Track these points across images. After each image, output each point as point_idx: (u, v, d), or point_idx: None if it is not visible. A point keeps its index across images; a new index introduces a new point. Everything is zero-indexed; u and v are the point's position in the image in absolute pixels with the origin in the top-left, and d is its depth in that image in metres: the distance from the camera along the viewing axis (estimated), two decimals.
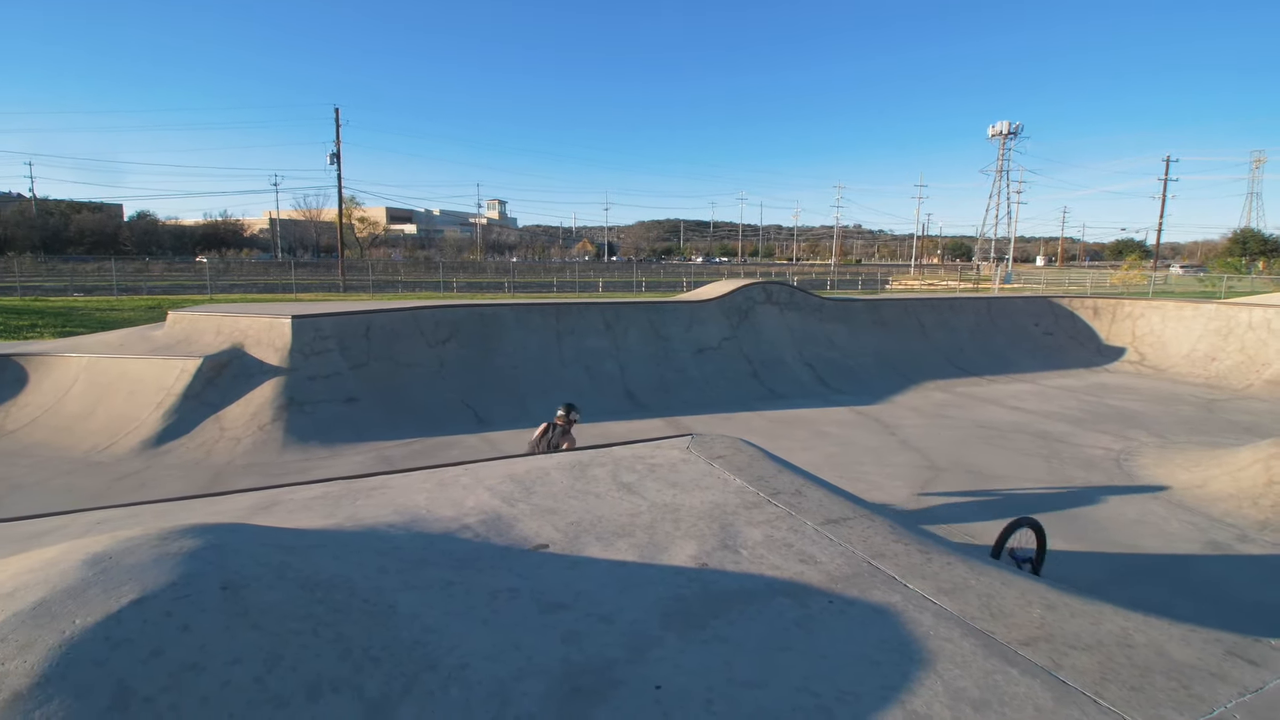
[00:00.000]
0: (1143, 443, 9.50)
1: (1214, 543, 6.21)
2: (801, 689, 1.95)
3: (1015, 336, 17.09)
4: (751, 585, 2.59)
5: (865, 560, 2.81)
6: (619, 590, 2.53)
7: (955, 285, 50.71)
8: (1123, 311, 18.08)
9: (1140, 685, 2.01)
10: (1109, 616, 2.39)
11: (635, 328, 12.71)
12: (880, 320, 16.14)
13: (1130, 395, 13.10)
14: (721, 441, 4.52)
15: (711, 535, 3.04)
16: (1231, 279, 43.35)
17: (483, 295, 28.12)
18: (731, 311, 14.19)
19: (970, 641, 2.21)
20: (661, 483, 3.73)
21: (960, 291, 37.81)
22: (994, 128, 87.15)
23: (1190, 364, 15.71)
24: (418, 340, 10.65)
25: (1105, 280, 49.00)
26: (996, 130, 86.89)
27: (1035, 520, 5.15)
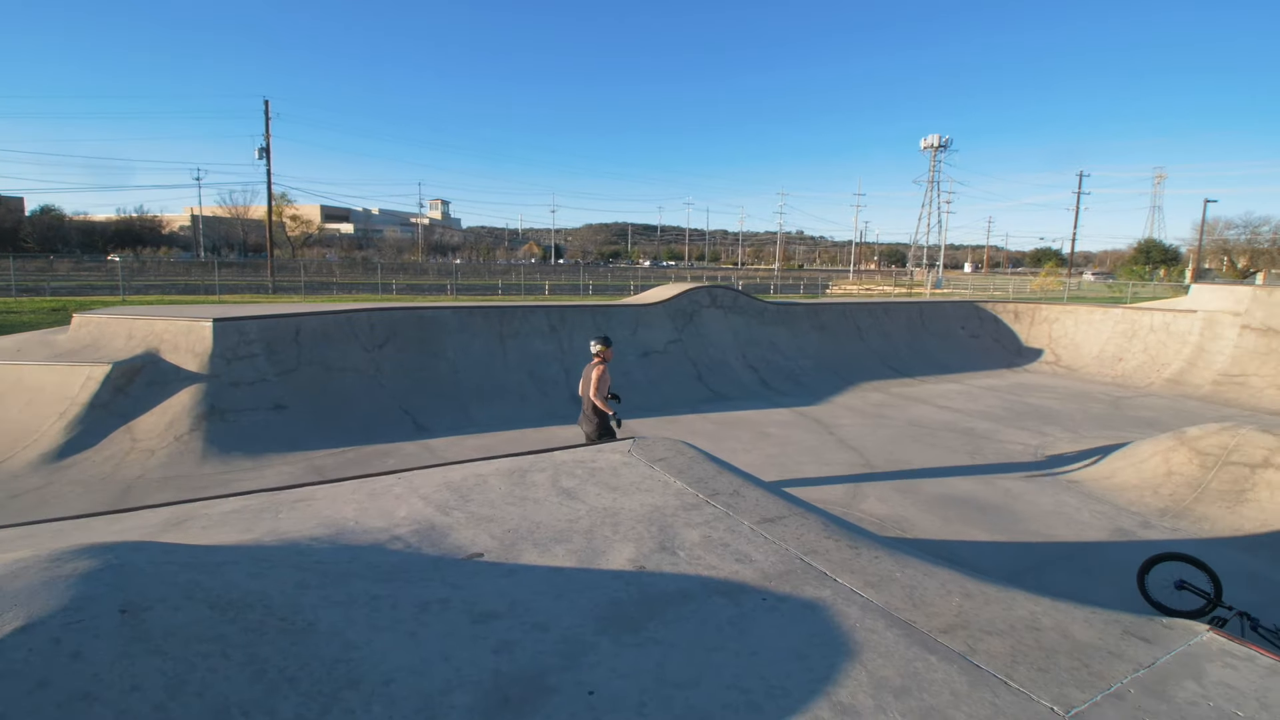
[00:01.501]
0: (1057, 438, 10.08)
1: (1120, 529, 6.65)
2: (732, 686, 1.98)
3: (945, 339, 17.87)
4: (688, 586, 2.61)
5: (798, 557, 2.87)
6: (554, 597, 2.51)
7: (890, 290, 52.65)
8: (1040, 315, 19.17)
9: (1047, 666, 2.12)
10: (1020, 602, 2.52)
11: (581, 331, 12.65)
12: (820, 324, 16.59)
13: (1047, 394, 13.90)
14: (663, 444, 4.54)
15: (650, 538, 3.05)
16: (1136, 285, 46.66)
17: (424, 298, 27.43)
18: (677, 315, 14.31)
19: (894, 632, 2.29)
20: (602, 487, 3.71)
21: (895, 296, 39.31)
22: (926, 140, 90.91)
23: (1100, 364, 16.80)
24: (352, 344, 10.29)
25: (1026, 286, 51.89)
26: (928, 143, 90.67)
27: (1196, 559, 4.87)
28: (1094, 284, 56.71)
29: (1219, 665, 2.22)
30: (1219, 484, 7.37)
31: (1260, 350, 14.64)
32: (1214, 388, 14.54)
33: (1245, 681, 2.12)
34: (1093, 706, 1.94)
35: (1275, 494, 6.94)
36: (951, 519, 6.79)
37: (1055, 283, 49.77)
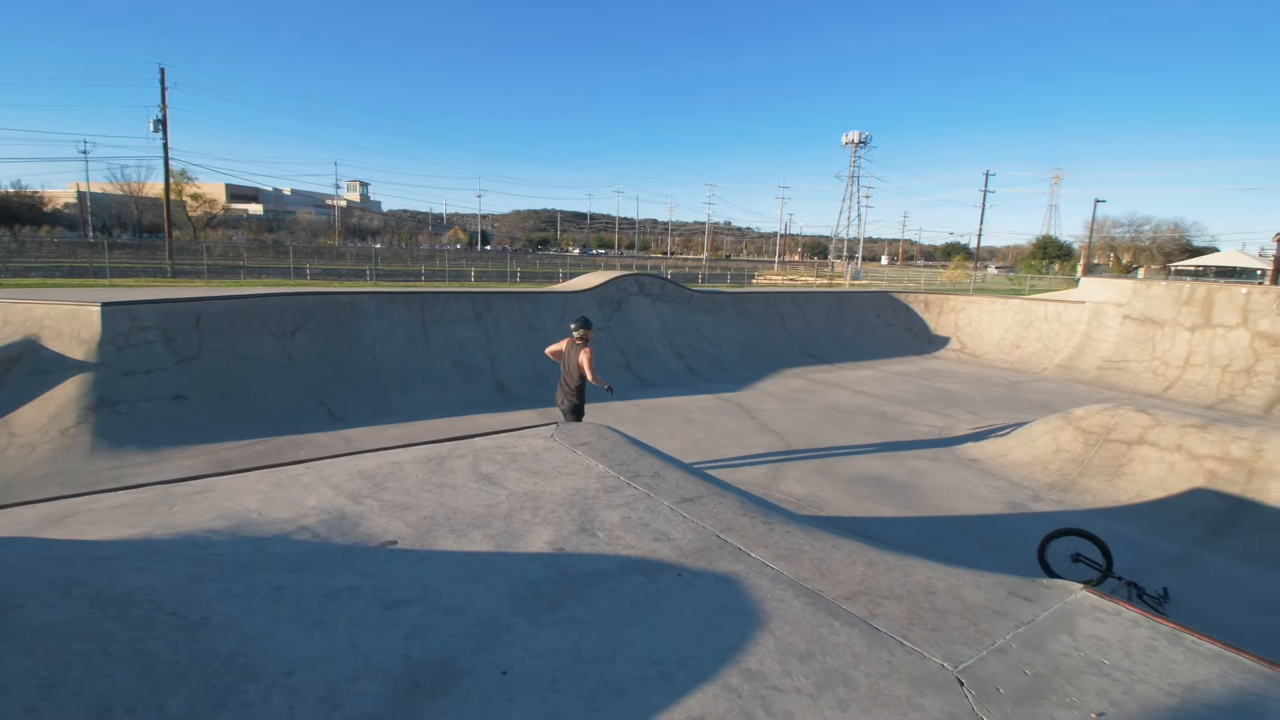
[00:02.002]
0: (961, 419, 10.77)
1: (1013, 502, 7.19)
2: (646, 659, 2.02)
3: (861, 327, 18.68)
4: (606, 565, 2.63)
5: (715, 534, 2.95)
6: (470, 581, 2.47)
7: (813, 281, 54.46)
8: (948, 305, 20.35)
9: (939, 626, 2.28)
10: (918, 569, 2.69)
11: (507, 318, 12.44)
12: (745, 312, 16.98)
13: (953, 379, 14.80)
14: (586, 429, 4.55)
15: (570, 520, 3.05)
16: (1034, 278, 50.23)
17: (341, 283, 26.20)
18: (606, 302, 14.30)
19: (801, 600, 2.40)
20: (523, 472, 3.68)
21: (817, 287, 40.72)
22: (847, 136, 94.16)
23: (1000, 351, 18.03)
24: (260, 331, 9.72)
25: (936, 278, 54.87)
26: (849, 139, 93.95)
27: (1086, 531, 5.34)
28: (997, 277, 60.63)
29: (1090, 620, 2.44)
30: (1100, 459, 8.07)
31: (1139, 338, 16.09)
32: (1099, 372, 15.88)
33: (1111, 633, 2.35)
34: (978, 661, 2.10)
35: (1148, 467, 7.68)
36: (864, 497, 7.14)
37: (963, 275, 52.90)
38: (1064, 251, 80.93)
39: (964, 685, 1.96)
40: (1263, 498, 6.77)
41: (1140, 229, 75.86)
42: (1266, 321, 14.14)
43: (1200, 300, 15.39)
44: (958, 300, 20.46)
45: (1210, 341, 14.80)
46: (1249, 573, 5.86)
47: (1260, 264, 54.91)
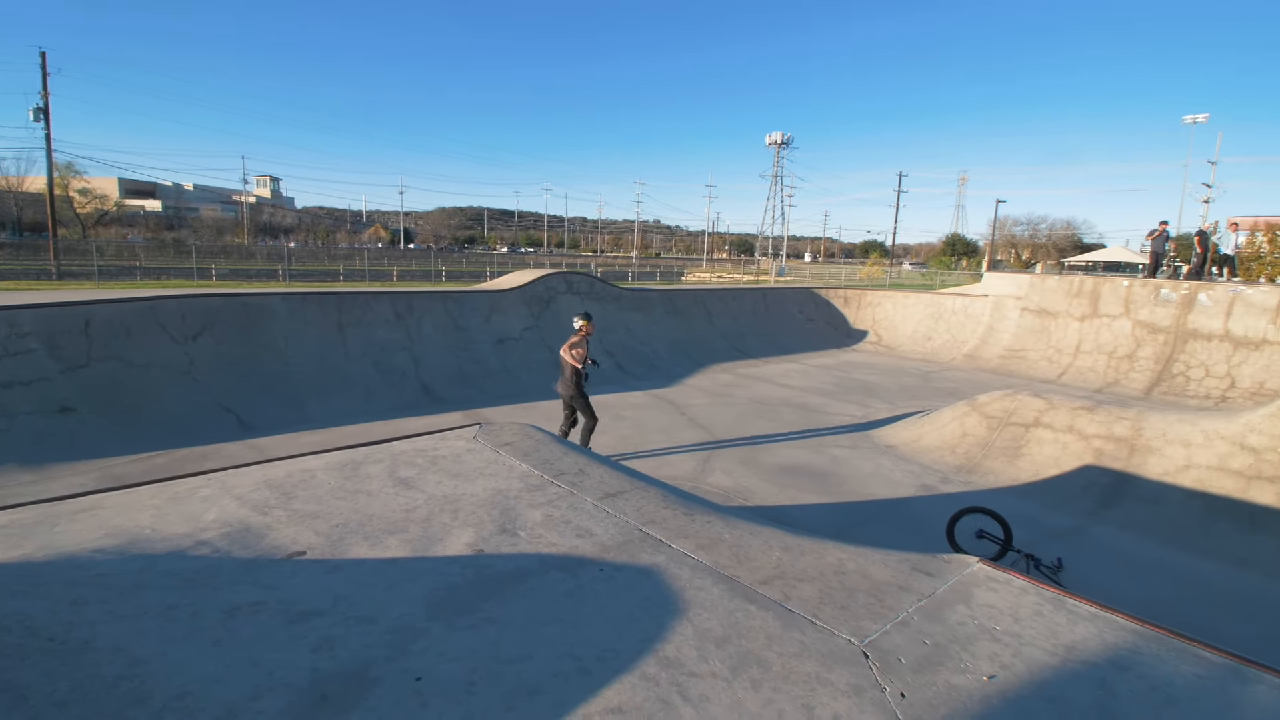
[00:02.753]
0: (878, 408, 11.29)
1: (925, 485, 7.60)
2: (565, 655, 2.02)
3: (785, 322, 19.27)
4: (527, 564, 2.61)
5: (637, 528, 2.98)
6: (384, 588, 2.40)
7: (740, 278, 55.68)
8: (865, 300, 21.27)
9: (848, 604, 2.39)
10: (830, 551, 2.81)
11: (431, 318, 12.11)
12: (674, 309, 17.19)
13: (870, 370, 15.50)
14: (510, 429, 4.49)
15: (491, 521, 3.01)
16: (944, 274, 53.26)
17: (250, 284, 24.74)
18: (533, 301, 14.15)
19: (719, 588, 2.46)
20: (443, 474, 3.60)
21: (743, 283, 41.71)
22: (770, 137, 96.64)
23: (913, 343, 19.00)
24: (159, 336, 9.06)
25: (855, 274, 57.24)
26: (772, 139, 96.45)
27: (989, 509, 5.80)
28: (911, 273, 63.87)
29: (984, 590, 2.62)
30: (1002, 442, 8.64)
31: (1035, 328, 17.31)
32: (1001, 361, 17.00)
33: (1003, 601, 2.53)
34: (883, 634, 2.22)
35: (1044, 448, 8.28)
36: (787, 485, 7.38)
37: (879, 271, 55.42)
38: (970, 248, 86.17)
39: (869, 658, 2.07)
40: (1142, 471, 7.43)
41: (1038, 227, 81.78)
42: (1145, 311, 15.51)
43: (1088, 293, 16.71)
44: (874, 295, 21.42)
45: (1098, 330, 16.10)
46: (1131, 540, 6.43)
47: (1140, 259, 60.21)
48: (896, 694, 1.90)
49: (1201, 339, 14.49)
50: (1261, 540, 6.22)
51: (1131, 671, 2.07)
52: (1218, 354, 14.12)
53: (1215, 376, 13.84)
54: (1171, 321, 15.04)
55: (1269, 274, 32.91)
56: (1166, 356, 14.75)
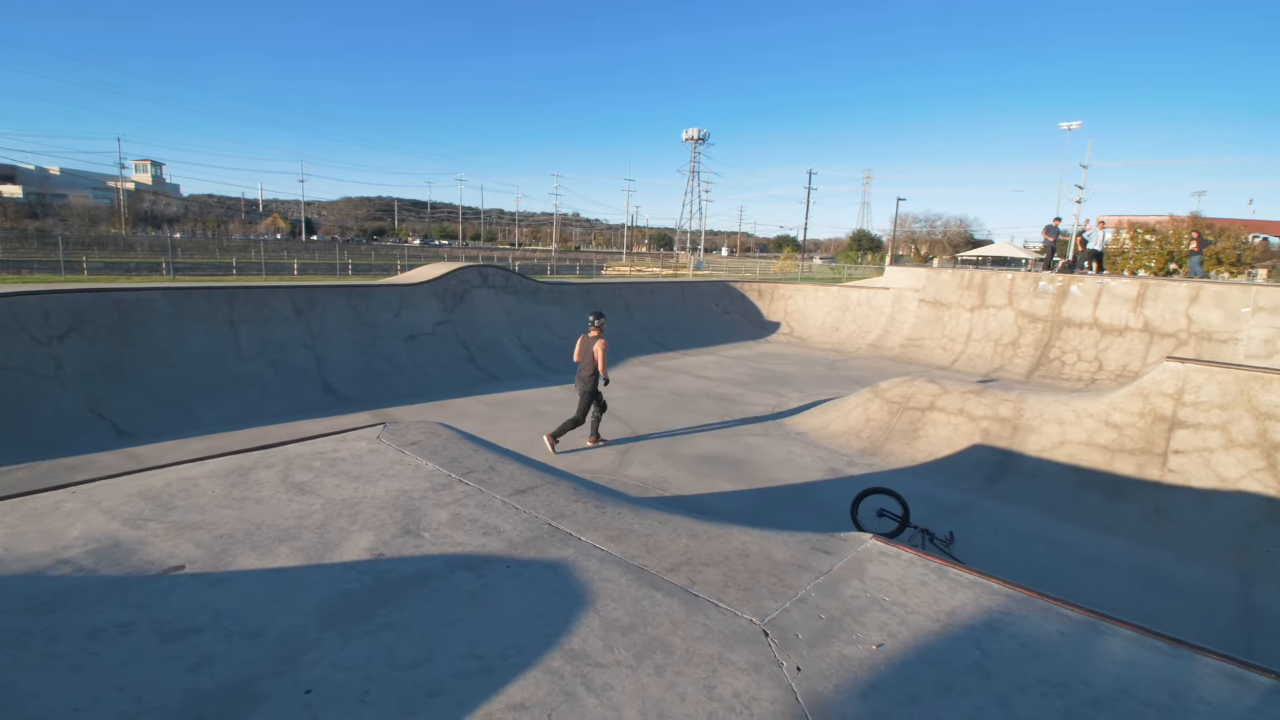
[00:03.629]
0: (790, 397, 11.72)
1: (832, 469, 7.96)
2: (467, 655, 1.97)
3: (702, 315, 19.63)
4: (430, 565, 2.53)
5: (546, 522, 2.95)
6: (272, 600, 2.26)
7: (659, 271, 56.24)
8: (778, 293, 22.00)
9: (750, 585, 2.46)
10: (735, 536, 2.88)
11: (335, 313, 11.50)
12: (592, 303, 17.13)
13: (783, 361, 16.06)
14: (417, 428, 4.34)
15: (394, 523, 2.90)
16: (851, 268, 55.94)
17: (129, 278, 22.64)
18: (446, 295, 13.71)
19: (628, 578, 2.47)
20: (342, 477, 3.43)
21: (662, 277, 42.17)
22: (687, 133, 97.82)
23: (822, 334, 19.84)
24: (17, 336, 8.14)
25: (769, 268, 59.13)
26: (689, 135, 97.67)
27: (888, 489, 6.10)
28: (821, 267, 66.67)
29: (876, 564, 2.76)
30: (901, 425, 9.17)
31: (931, 319, 18.46)
32: (901, 349, 18.02)
33: (892, 573, 2.68)
34: (782, 612, 2.30)
35: (938, 429, 8.84)
36: (704, 475, 7.53)
37: (791, 265, 57.50)
38: (875, 244, 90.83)
39: (769, 636, 2.14)
40: (1023, 449, 8.08)
41: (934, 224, 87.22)
42: (1026, 302, 16.87)
43: (977, 285, 17.99)
44: (787, 289, 22.19)
45: (986, 320, 17.37)
46: (1014, 512, 6.98)
47: (1024, 254, 65.36)
48: (793, 668, 1.98)
49: (1074, 327, 15.93)
50: (1124, 507, 6.92)
51: (1003, 631, 2.24)
52: (1087, 340, 15.56)
53: (1085, 360, 15.25)
54: (1049, 311, 16.44)
55: (1131, 268, 36.62)
56: (1045, 343, 16.12)
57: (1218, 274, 36.68)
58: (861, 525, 6.02)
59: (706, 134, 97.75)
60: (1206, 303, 14.50)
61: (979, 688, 1.94)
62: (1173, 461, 7.12)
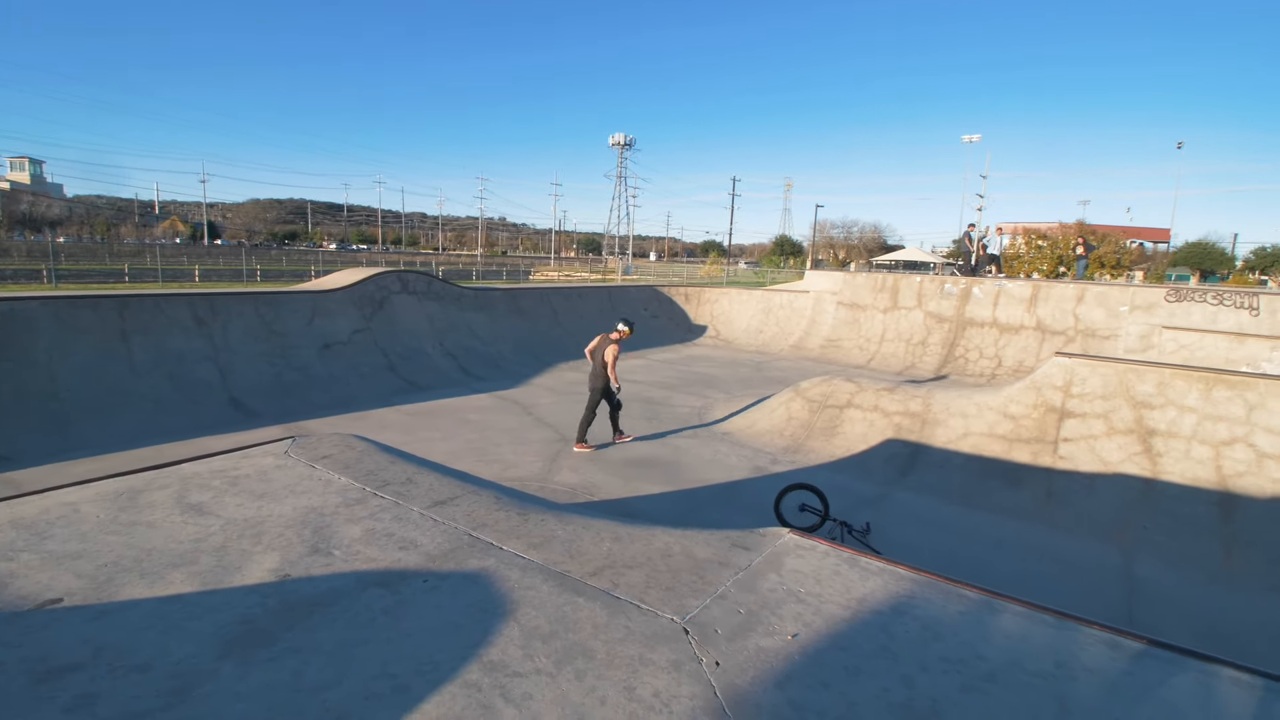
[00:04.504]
0: (716, 399, 11.95)
1: (757, 468, 8.17)
2: (380, 675, 1.90)
3: (631, 320, 19.73)
4: (341, 584, 2.43)
5: (467, 533, 2.88)
6: (163, 630, 2.10)
7: (588, 276, 56.14)
8: (705, 297, 22.41)
9: (672, 585, 2.49)
10: (659, 537, 2.91)
11: (241, 322, 10.84)
12: (519, 309, 16.91)
13: (709, 363, 16.37)
14: (329, 441, 4.15)
15: (301, 542, 2.76)
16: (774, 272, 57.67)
17: (5, 287, 20.58)
18: (364, 302, 13.19)
19: (549, 584, 2.45)
20: (245, 496, 3.24)
21: (591, 282, 42.10)
22: (614, 138, 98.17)
23: (747, 336, 20.35)
24: None
25: (696, 272, 60.14)
26: (616, 140, 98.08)
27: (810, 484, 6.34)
28: (745, 271, 68.40)
29: (793, 557, 2.86)
30: (821, 423, 9.52)
31: (849, 320, 19.26)
32: (821, 350, 18.72)
33: (808, 565, 2.78)
34: (702, 610, 2.34)
35: (855, 426, 9.23)
36: (632, 478, 7.57)
37: (718, 270, 58.72)
38: (796, 249, 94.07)
39: (689, 633, 2.17)
40: (932, 441, 8.55)
41: (851, 230, 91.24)
42: (933, 304, 17.88)
43: (890, 288, 18.93)
44: (713, 293, 22.63)
45: (898, 321, 18.29)
46: (924, 501, 7.37)
47: (932, 259, 69.32)
48: (712, 663, 2.02)
49: (976, 326, 17.02)
50: (1020, 492, 7.43)
51: (908, 615, 2.37)
52: (988, 338, 16.66)
53: (986, 357, 16.32)
54: (954, 312, 17.49)
55: (1026, 271, 39.50)
56: (950, 342, 17.14)
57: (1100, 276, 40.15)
58: (785, 520, 6.20)
59: (633, 139, 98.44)
60: (1091, 302, 15.82)
61: (886, 669, 2.04)
62: (1062, 449, 7.71)
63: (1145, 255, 63.39)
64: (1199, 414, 7.15)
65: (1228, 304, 14.51)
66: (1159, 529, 6.55)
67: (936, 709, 1.88)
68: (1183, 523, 6.55)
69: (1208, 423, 7.08)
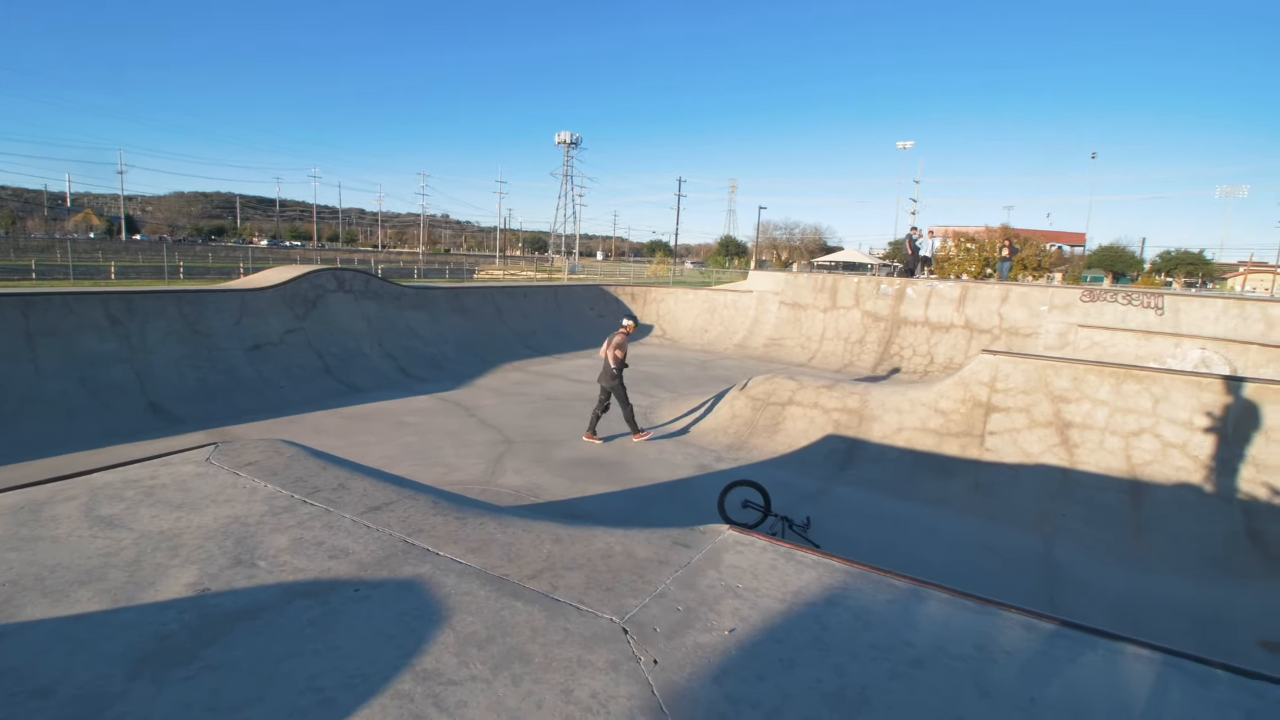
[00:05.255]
0: (662, 398, 12.03)
1: (701, 465, 8.26)
2: (306, 689, 1.83)
3: (576, 319, 19.64)
4: (266, 597, 2.32)
5: (401, 539, 2.81)
6: (68, 652, 1.97)
7: (534, 275, 55.56)
8: (651, 296, 22.52)
9: (613, 585, 2.49)
10: (599, 537, 2.91)
11: (161, 322, 10.24)
12: (461, 308, 16.58)
13: (656, 362, 16.46)
14: (256, 446, 3.96)
15: (223, 554, 2.62)
16: (719, 272, 58.46)
17: None
18: (296, 301, 12.67)
19: (487, 589, 2.41)
20: (162, 506, 3.06)
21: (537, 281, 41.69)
22: (560, 136, 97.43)
23: (693, 335, 20.56)
24: None
25: (643, 272, 60.43)
26: (562, 139, 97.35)
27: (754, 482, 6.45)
28: (691, 271, 69.08)
29: (732, 553, 2.90)
30: (764, 420, 9.70)
31: (791, 320, 19.70)
32: (765, 349, 19.09)
33: (746, 561, 2.82)
34: (642, 609, 2.35)
35: (796, 422, 9.45)
36: (578, 479, 7.53)
37: (664, 270, 59.15)
38: (741, 249, 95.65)
39: (628, 633, 2.18)
40: (868, 437, 8.83)
41: (793, 231, 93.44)
42: (870, 303, 18.49)
43: (829, 288, 19.46)
44: (659, 292, 22.77)
45: (837, 320, 18.83)
46: (862, 494, 7.61)
47: (870, 259, 71.68)
48: (650, 662, 2.03)
49: (910, 325, 17.69)
50: (950, 483, 7.77)
51: (840, 605, 2.44)
52: (921, 336, 17.34)
53: (920, 355, 16.99)
54: (889, 311, 18.13)
55: (956, 272, 41.31)
56: (886, 340, 17.76)
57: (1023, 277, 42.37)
58: (729, 517, 6.29)
59: (579, 138, 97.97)
60: (1014, 302, 16.68)
61: (818, 660, 2.10)
62: (989, 441, 8.10)
63: (1064, 258, 67.34)
64: (1111, 407, 7.64)
65: (1136, 304, 15.56)
66: (1076, 516, 6.96)
67: (865, 696, 1.94)
68: (1097, 510, 6.98)
69: (1118, 415, 7.57)
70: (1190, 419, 7.19)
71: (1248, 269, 71.82)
